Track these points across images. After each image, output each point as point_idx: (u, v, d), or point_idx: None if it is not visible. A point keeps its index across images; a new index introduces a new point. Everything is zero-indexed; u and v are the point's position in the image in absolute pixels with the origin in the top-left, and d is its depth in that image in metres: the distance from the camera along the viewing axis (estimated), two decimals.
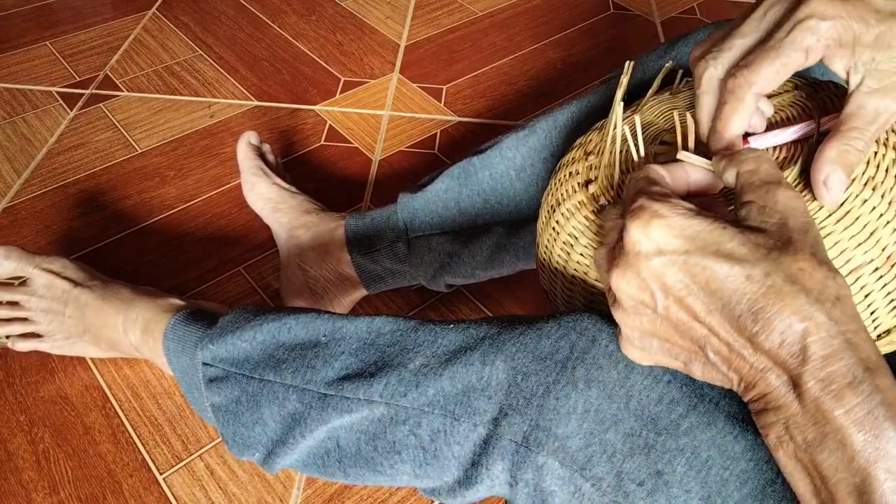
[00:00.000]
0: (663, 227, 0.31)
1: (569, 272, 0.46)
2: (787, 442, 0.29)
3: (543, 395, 0.39)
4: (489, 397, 0.41)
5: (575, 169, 0.50)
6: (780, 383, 0.29)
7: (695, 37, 0.67)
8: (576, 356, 0.39)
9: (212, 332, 0.54)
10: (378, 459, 0.46)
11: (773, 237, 0.30)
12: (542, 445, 0.38)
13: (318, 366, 0.48)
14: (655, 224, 0.31)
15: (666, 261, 0.31)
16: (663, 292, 0.31)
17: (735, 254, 0.30)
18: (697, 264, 0.30)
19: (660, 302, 0.32)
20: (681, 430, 0.36)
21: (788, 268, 0.29)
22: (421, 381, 0.43)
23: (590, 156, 0.49)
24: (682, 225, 0.31)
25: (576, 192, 0.47)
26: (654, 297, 0.32)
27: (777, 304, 0.29)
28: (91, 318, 0.68)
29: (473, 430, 0.41)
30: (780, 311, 0.29)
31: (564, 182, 0.50)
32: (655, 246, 0.31)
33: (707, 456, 0.36)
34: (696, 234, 0.31)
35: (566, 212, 0.47)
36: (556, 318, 0.42)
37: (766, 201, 0.32)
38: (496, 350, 0.42)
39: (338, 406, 0.46)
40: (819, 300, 0.29)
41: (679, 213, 0.31)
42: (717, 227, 0.31)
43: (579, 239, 0.45)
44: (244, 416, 0.51)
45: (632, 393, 0.38)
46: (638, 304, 0.33)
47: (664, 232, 0.31)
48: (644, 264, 0.32)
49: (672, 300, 0.31)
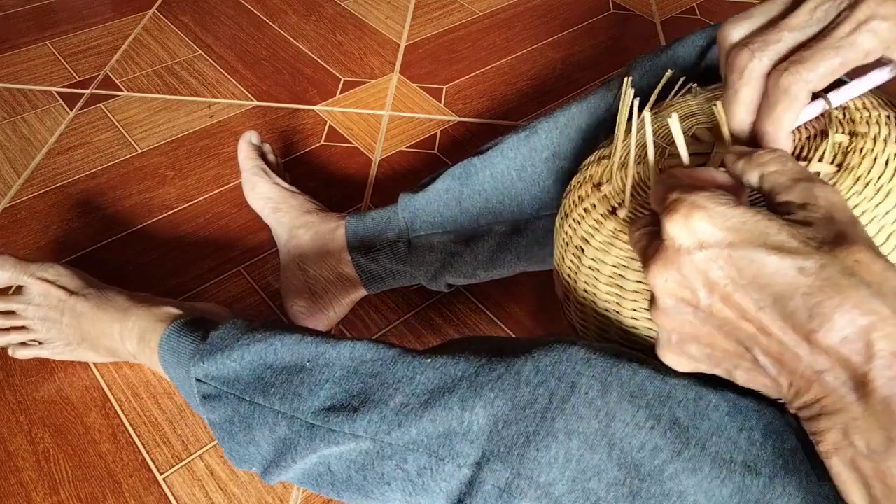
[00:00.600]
0: (704, 219, 0.29)
1: (581, 276, 0.46)
2: (846, 448, 0.27)
3: (524, 444, 0.38)
4: (471, 441, 0.40)
5: (588, 174, 0.50)
6: (839, 384, 0.27)
7: (692, 38, 0.67)
8: (555, 406, 0.38)
9: (203, 349, 0.55)
10: (368, 487, 0.46)
11: (821, 230, 0.28)
12: (525, 493, 0.38)
13: (304, 394, 0.48)
14: (696, 216, 0.29)
15: (709, 254, 0.29)
16: (707, 289, 0.29)
17: (785, 245, 0.28)
18: (744, 257, 0.28)
19: (703, 300, 0.30)
20: (665, 476, 0.35)
21: (844, 260, 0.27)
22: (402, 421, 0.42)
23: (602, 160, 0.49)
24: (724, 215, 0.29)
25: (588, 196, 0.47)
26: (697, 294, 0.30)
27: (836, 297, 0.26)
28: (87, 328, 0.68)
29: (458, 470, 0.41)
30: (840, 306, 0.26)
31: (577, 188, 0.49)
32: (696, 239, 0.29)
33: (693, 500, 0.34)
34: (741, 224, 0.29)
35: (578, 216, 0.47)
36: (535, 360, 0.40)
37: (805, 198, 0.30)
38: (474, 395, 0.41)
39: (325, 438, 0.46)
40: (881, 293, 0.26)
41: (721, 203, 0.29)
42: (763, 217, 0.29)
43: (590, 242, 0.45)
44: (238, 435, 0.51)
45: (613, 442, 0.36)
46: (678, 302, 0.31)
47: (706, 223, 0.29)
48: (685, 259, 0.29)
49: (717, 297, 0.29)
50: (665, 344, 0.34)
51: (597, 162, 0.50)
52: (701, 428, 0.36)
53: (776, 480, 0.34)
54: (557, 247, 0.50)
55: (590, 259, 0.45)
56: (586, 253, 0.45)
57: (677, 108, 0.51)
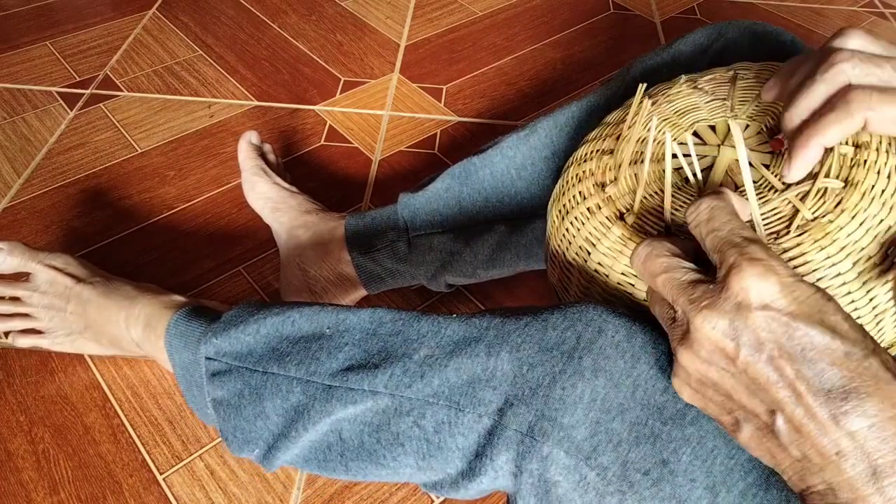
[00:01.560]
0: (776, 285, 0.30)
1: (587, 273, 0.46)
2: None
3: (549, 385, 0.39)
4: (494, 388, 0.41)
5: (588, 169, 0.49)
6: (855, 472, 0.28)
7: (694, 36, 0.67)
8: (582, 346, 0.39)
9: (215, 327, 0.54)
10: (381, 452, 0.46)
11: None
12: (548, 435, 0.38)
13: (322, 357, 0.48)
14: (771, 279, 0.30)
15: (770, 316, 0.30)
16: (754, 347, 0.30)
17: (838, 328, 0.30)
18: (800, 328, 0.30)
19: (743, 356, 0.31)
20: (686, 420, 0.36)
21: (882, 355, 0.29)
22: (426, 372, 0.43)
23: (605, 155, 0.49)
24: (792, 286, 0.30)
25: (591, 195, 0.47)
26: (739, 349, 0.31)
27: (872, 387, 0.28)
28: (93, 315, 0.68)
29: (478, 420, 0.41)
30: (873, 395, 0.28)
31: (577, 183, 0.49)
32: (762, 300, 0.30)
33: (712, 445, 0.36)
34: (805, 298, 0.30)
35: (581, 215, 0.46)
36: (562, 310, 0.41)
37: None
38: (501, 341, 0.42)
39: (342, 397, 0.46)
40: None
41: (791, 274, 0.31)
42: (823, 297, 0.31)
43: (597, 246, 0.44)
44: (246, 409, 0.51)
45: (638, 382, 0.38)
46: (716, 351, 0.32)
47: (776, 289, 0.30)
48: (744, 314, 0.30)
49: (761, 357, 0.30)
50: (683, 379, 0.35)
51: (597, 157, 0.50)
52: None
53: None
54: (554, 237, 0.50)
55: (596, 263, 0.45)
56: (592, 256, 0.45)
57: (676, 101, 0.50)
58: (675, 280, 0.34)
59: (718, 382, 0.32)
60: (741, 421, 0.32)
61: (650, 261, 0.36)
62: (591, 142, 0.52)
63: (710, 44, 0.65)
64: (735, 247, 0.32)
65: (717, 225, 0.34)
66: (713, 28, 0.66)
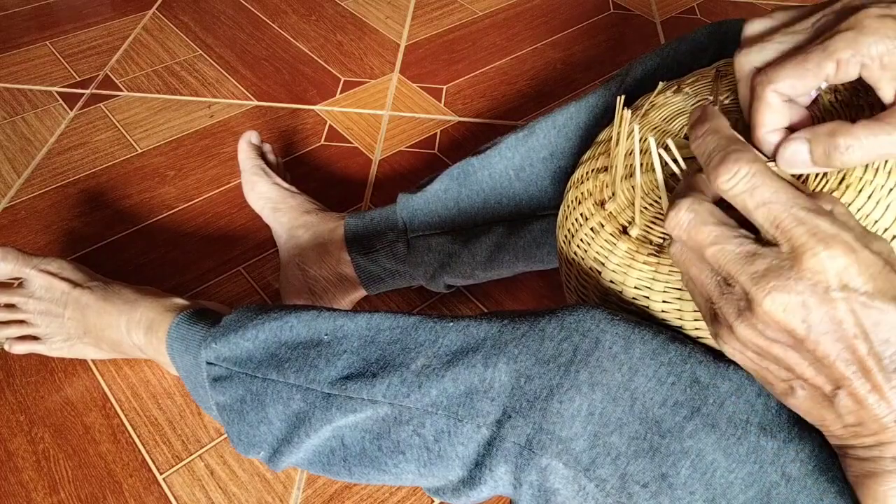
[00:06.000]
0: (855, 264, 0.29)
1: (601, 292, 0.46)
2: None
3: (547, 398, 0.39)
4: (492, 399, 0.41)
5: (586, 189, 0.49)
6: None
7: (694, 35, 0.66)
8: (579, 359, 0.39)
9: (215, 332, 0.54)
10: (382, 459, 0.46)
11: None
12: (546, 448, 0.38)
13: (321, 365, 0.48)
14: (847, 258, 0.29)
15: (847, 296, 0.29)
16: (827, 327, 0.29)
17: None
18: (876, 307, 0.29)
19: (815, 335, 0.30)
20: (685, 433, 0.36)
21: None
22: (423, 383, 0.43)
23: (600, 174, 0.49)
24: (868, 262, 0.29)
25: (593, 215, 0.47)
26: (810, 330, 0.30)
27: None
28: (93, 320, 0.68)
29: (477, 431, 0.41)
30: None
31: (578, 206, 0.49)
32: (841, 280, 0.29)
33: (712, 459, 0.35)
34: (878, 274, 0.29)
35: (586, 236, 0.46)
36: (559, 318, 0.41)
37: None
38: (498, 352, 0.41)
39: (342, 406, 0.46)
40: None
41: (866, 250, 0.30)
42: (892, 272, 0.30)
43: (606, 264, 0.44)
44: (249, 415, 0.51)
45: (636, 396, 0.37)
46: (784, 332, 0.30)
47: (855, 269, 0.29)
48: (819, 296, 0.29)
49: (836, 336, 0.29)
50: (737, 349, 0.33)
51: (593, 177, 0.50)
52: (721, 387, 0.37)
53: (790, 445, 0.35)
54: (564, 262, 0.50)
55: (608, 281, 0.45)
56: (603, 275, 0.45)
57: (662, 108, 0.50)
58: (729, 252, 0.31)
59: (781, 357, 0.31)
60: (797, 388, 0.32)
61: (695, 230, 0.32)
62: (586, 162, 0.52)
63: (710, 44, 0.65)
64: (801, 223, 0.30)
65: (767, 196, 0.30)
66: (713, 28, 0.66)
